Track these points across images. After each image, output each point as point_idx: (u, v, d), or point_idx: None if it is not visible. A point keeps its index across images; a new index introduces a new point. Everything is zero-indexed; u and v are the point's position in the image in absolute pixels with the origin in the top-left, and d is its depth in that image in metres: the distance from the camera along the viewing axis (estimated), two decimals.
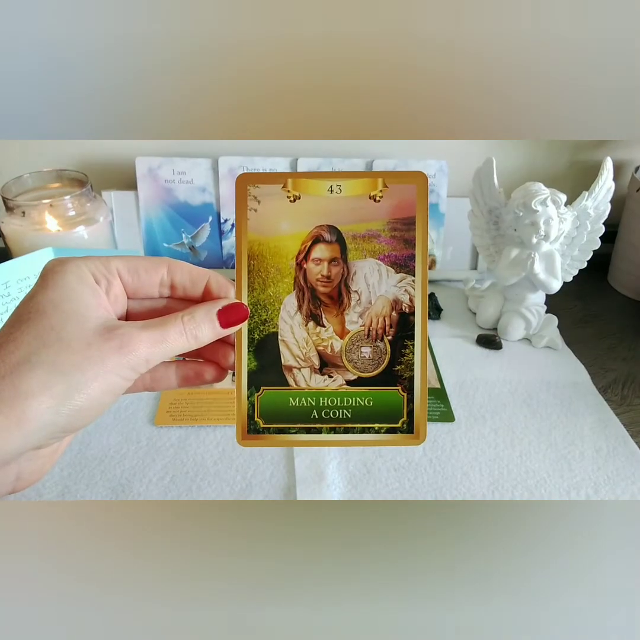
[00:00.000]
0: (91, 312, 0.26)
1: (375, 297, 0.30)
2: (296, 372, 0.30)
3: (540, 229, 0.64)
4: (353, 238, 0.30)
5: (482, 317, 0.74)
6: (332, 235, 0.30)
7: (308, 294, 0.30)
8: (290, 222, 0.30)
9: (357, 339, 0.30)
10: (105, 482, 0.52)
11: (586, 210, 0.67)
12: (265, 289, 0.30)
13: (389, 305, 0.30)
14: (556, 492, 0.52)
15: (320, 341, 0.30)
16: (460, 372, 0.66)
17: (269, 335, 0.30)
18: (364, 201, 0.30)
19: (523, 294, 0.71)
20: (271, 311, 0.30)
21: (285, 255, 0.30)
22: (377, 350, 0.30)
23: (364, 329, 0.30)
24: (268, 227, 0.30)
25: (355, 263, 0.30)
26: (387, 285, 0.30)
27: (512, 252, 0.69)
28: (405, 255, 0.30)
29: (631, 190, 0.80)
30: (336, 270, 0.30)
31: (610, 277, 0.88)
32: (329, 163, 0.80)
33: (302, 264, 0.30)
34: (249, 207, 0.30)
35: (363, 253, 0.30)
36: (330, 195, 0.30)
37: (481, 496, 0.51)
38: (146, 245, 0.82)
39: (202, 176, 0.80)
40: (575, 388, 0.64)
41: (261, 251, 0.30)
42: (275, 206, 0.30)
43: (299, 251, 0.30)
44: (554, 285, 0.69)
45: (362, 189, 0.29)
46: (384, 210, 0.30)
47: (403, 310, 0.30)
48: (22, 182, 0.72)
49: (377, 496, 0.51)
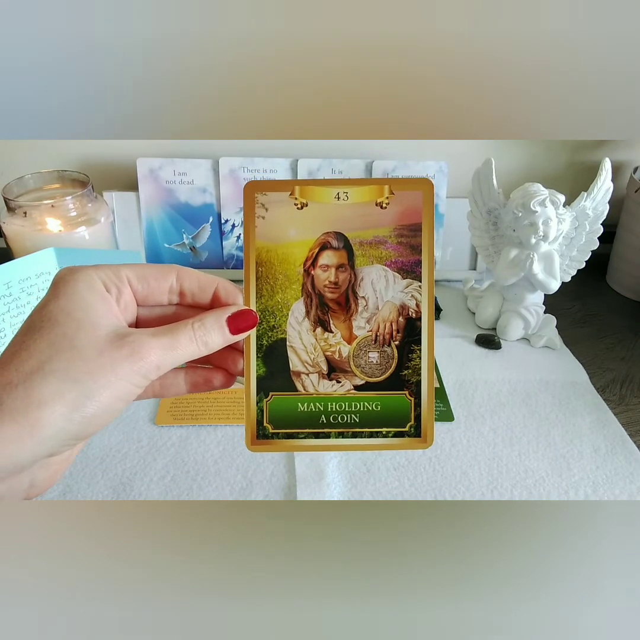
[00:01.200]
0: (102, 320, 0.26)
1: (382, 302, 0.30)
2: (304, 378, 0.31)
3: (539, 229, 0.65)
4: (360, 244, 0.30)
5: (481, 317, 0.74)
6: (339, 242, 0.30)
7: (316, 300, 0.30)
8: (298, 229, 0.30)
9: (364, 344, 0.30)
10: (106, 481, 0.52)
11: (585, 211, 0.67)
12: (273, 295, 0.30)
13: (395, 311, 0.30)
14: (555, 491, 0.52)
15: (328, 347, 0.31)
16: (459, 372, 0.67)
17: (278, 341, 0.31)
18: (370, 208, 0.30)
19: (522, 294, 0.71)
20: (279, 317, 0.30)
21: (293, 262, 0.30)
22: (384, 355, 0.30)
23: (372, 334, 0.30)
24: (276, 234, 0.30)
25: (363, 269, 0.30)
26: (393, 291, 0.30)
27: (511, 252, 0.69)
28: (412, 261, 0.30)
29: (630, 191, 0.81)
30: (343, 276, 0.30)
31: (608, 277, 0.88)
32: (329, 164, 0.80)
33: (310, 270, 0.30)
34: (257, 214, 0.30)
35: (370, 259, 0.31)
36: (337, 203, 0.30)
37: (480, 495, 0.52)
38: (147, 245, 0.83)
39: (202, 177, 0.80)
40: (574, 388, 0.65)
41: (269, 258, 0.30)
42: (283, 213, 0.30)
43: (307, 258, 0.30)
44: (553, 286, 0.69)
45: (369, 196, 0.30)
46: (391, 217, 0.30)
47: (410, 315, 0.30)
48: (23, 182, 0.73)
49: (377, 495, 0.51)
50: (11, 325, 0.63)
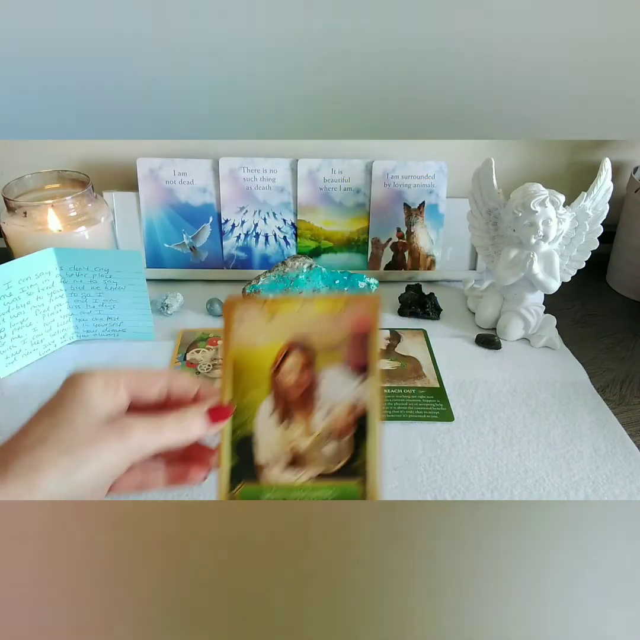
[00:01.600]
0: (99, 407, 0.31)
1: (338, 401, 0.34)
2: (269, 469, 0.34)
3: (539, 229, 0.65)
4: (319, 349, 0.35)
5: (481, 317, 0.74)
6: (302, 347, 0.34)
7: (281, 399, 0.34)
8: (268, 336, 0.35)
9: (321, 439, 0.34)
10: None
11: (585, 211, 0.67)
12: (245, 394, 0.34)
13: (348, 409, 0.34)
14: (555, 491, 0.52)
15: (291, 441, 0.34)
16: (459, 372, 0.67)
17: (247, 436, 0.34)
18: (329, 318, 0.35)
19: (522, 294, 0.71)
20: (249, 414, 0.34)
21: (263, 365, 0.34)
22: (338, 448, 0.34)
23: (327, 429, 0.34)
24: (249, 340, 0.35)
25: (321, 371, 0.34)
26: (347, 391, 0.34)
27: (511, 252, 0.69)
28: (362, 364, 0.34)
29: (630, 191, 0.81)
30: (305, 378, 0.34)
31: (608, 277, 0.88)
32: (329, 164, 0.80)
33: (276, 372, 0.34)
34: (235, 323, 0.35)
35: (328, 362, 0.35)
36: (301, 313, 0.35)
37: (480, 495, 0.52)
38: (147, 245, 0.83)
39: (202, 177, 0.81)
40: (574, 388, 0.65)
41: (243, 361, 0.35)
42: (256, 323, 0.35)
43: (274, 361, 0.34)
44: (553, 286, 0.69)
45: (328, 308, 0.35)
46: (345, 326, 0.35)
47: (360, 412, 0.34)
48: (23, 182, 0.73)
49: None
50: (11, 325, 0.63)
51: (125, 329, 0.70)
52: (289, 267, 0.72)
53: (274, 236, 0.83)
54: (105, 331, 0.70)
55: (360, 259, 0.85)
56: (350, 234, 0.84)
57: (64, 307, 0.67)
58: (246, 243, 0.83)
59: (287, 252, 0.84)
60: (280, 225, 0.83)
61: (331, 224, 0.83)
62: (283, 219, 0.83)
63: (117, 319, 0.69)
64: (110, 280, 0.66)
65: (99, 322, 0.69)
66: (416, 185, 0.82)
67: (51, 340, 0.68)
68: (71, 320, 0.69)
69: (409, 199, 0.82)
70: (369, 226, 0.83)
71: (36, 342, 0.66)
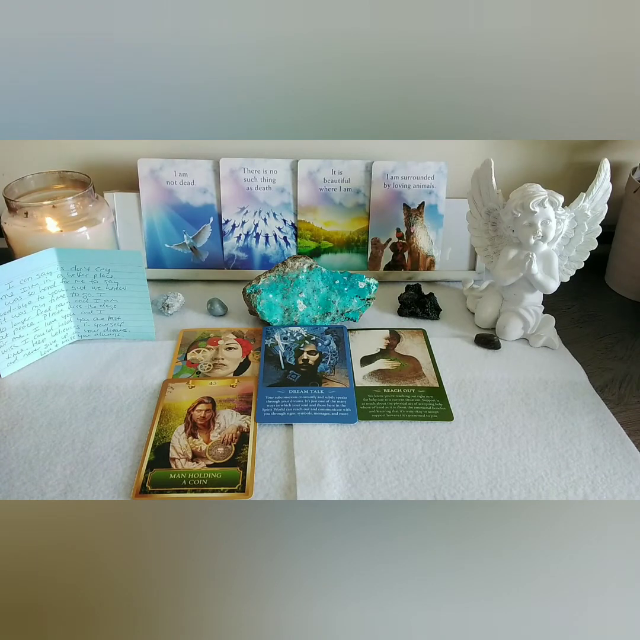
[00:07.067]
0: None
1: (229, 425, 0.59)
2: (177, 461, 0.55)
3: (538, 229, 0.65)
4: (219, 401, 0.62)
5: (481, 317, 0.75)
6: (208, 400, 0.62)
7: (191, 424, 0.59)
8: (189, 396, 0.62)
9: (216, 444, 0.57)
10: (107, 481, 0.53)
11: (584, 211, 0.67)
12: (168, 421, 0.59)
13: (235, 429, 0.58)
14: (554, 491, 0.52)
15: (193, 445, 0.56)
16: (458, 372, 0.67)
17: (166, 443, 0.57)
18: (227, 388, 0.64)
19: (521, 294, 0.71)
20: (170, 432, 0.58)
21: (183, 409, 0.61)
22: (227, 450, 0.56)
23: (221, 439, 0.57)
24: (178, 398, 0.62)
25: (220, 411, 0.60)
26: (235, 420, 0.59)
27: (510, 252, 0.70)
28: (246, 407, 0.61)
29: (628, 192, 0.81)
30: (209, 414, 0.60)
31: (607, 277, 0.88)
32: (329, 164, 0.81)
33: (191, 411, 0.60)
34: (168, 391, 0.63)
35: (224, 407, 0.61)
36: (210, 386, 0.64)
37: (479, 494, 0.52)
38: (148, 246, 0.83)
39: (203, 177, 0.81)
40: (573, 387, 0.65)
41: (171, 408, 0.61)
42: (182, 391, 0.63)
43: (191, 406, 0.61)
44: (552, 286, 0.69)
45: (227, 382, 0.65)
46: (236, 391, 0.63)
47: (243, 430, 0.58)
48: (24, 183, 0.73)
49: (377, 494, 0.52)
50: (12, 325, 0.63)
51: (126, 329, 0.70)
52: (289, 268, 0.72)
53: (274, 236, 0.84)
54: (106, 331, 0.70)
55: (360, 259, 0.85)
56: (350, 235, 0.84)
57: (65, 307, 0.68)
58: (246, 243, 0.84)
59: (287, 252, 0.84)
60: (280, 226, 0.83)
61: (331, 224, 0.83)
62: (283, 220, 0.83)
63: (118, 319, 0.69)
64: (111, 280, 0.66)
65: (99, 322, 0.69)
66: (416, 185, 0.82)
67: (52, 340, 0.68)
68: (72, 320, 0.69)
69: (408, 200, 0.82)
70: (369, 226, 0.83)
71: (37, 341, 0.67)
